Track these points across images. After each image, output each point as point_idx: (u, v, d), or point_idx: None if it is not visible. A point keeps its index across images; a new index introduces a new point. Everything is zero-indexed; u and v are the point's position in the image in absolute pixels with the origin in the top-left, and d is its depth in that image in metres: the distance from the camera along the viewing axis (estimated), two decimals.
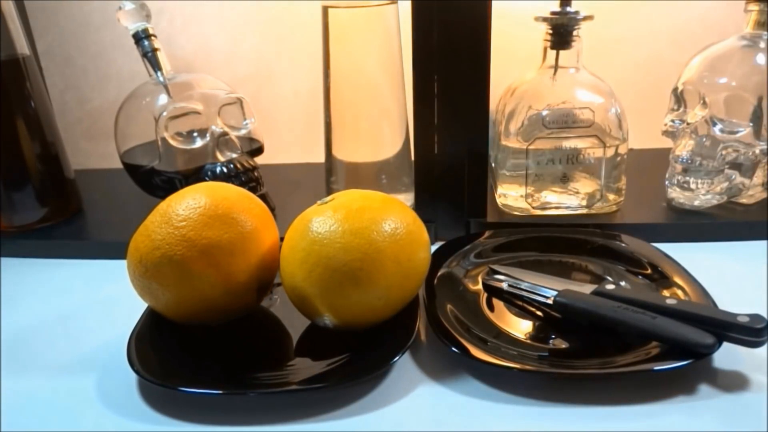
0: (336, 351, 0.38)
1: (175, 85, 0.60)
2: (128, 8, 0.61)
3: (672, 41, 0.69)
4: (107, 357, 0.39)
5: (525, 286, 0.43)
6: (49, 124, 0.59)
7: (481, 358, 0.36)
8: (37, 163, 0.58)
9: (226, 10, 0.71)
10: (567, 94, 0.53)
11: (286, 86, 0.74)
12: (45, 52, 0.74)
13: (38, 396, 0.37)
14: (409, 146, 0.57)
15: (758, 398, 0.33)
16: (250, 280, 0.39)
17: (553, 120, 0.52)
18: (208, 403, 0.35)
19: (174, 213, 0.38)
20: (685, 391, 0.34)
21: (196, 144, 0.58)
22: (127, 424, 0.34)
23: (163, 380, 0.35)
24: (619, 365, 0.35)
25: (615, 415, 0.33)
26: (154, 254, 0.37)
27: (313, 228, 0.37)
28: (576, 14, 0.52)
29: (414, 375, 0.37)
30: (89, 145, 0.78)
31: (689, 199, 0.54)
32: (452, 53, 0.50)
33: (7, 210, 0.57)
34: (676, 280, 0.43)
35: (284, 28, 0.72)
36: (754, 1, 0.51)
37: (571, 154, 0.53)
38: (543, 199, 0.55)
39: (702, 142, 0.52)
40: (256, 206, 0.40)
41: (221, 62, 0.73)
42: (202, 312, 0.38)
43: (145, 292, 0.38)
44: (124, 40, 0.64)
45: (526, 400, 0.34)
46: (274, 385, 0.36)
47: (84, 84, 0.76)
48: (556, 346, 0.38)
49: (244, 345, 0.40)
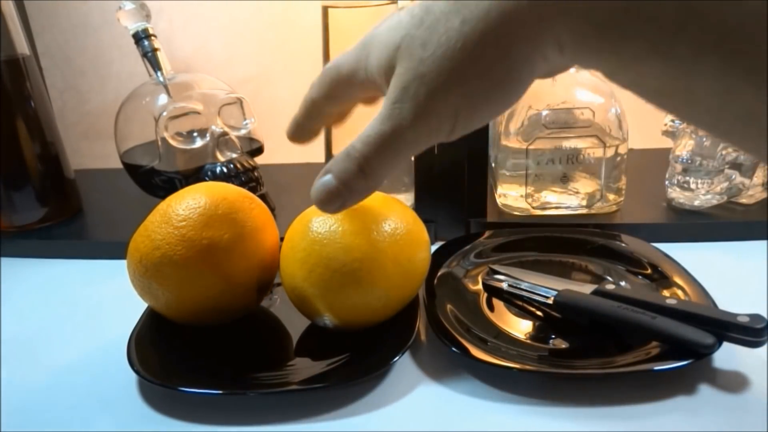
0: (336, 351, 0.38)
1: (175, 85, 0.60)
2: (128, 8, 0.61)
3: None
4: (107, 357, 0.39)
5: (525, 286, 0.43)
6: (49, 124, 0.59)
7: (481, 358, 0.36)
8: (37, 163, 0.58)
9: (226, 11, 0.71)
10: (567, 94, 0.53)
11: (286, 86, 0.74)
12: (45, 52, 0.74)
13: (38, 396, 0.37)
14: None
15: (758, 398, 0.33)
16: (250, 280, 0.39)
17: (553, 120, 0.52)
18: (208, 403, 0.35)
19: (174, 213, 0.38)
20: (685, 391, 0.34)
21: (196, 144, 0.58)
22: (127, 424, 0.34)
23: (163, 380, 0.35)
24: (619, 365, 0.35)
25: (615, 415, 0.33)
26: (154, 254, 0.37)
27: (313, 228, 0.37)
28: None
29: (414, 375, 0.37)
30: (89, 145, 0.78)
31: (689, 199, 0.54)
32: None
33: (7, 210, 0.57)
34: (676, 280, 0.43)
35: (284, 28, 0.72)
36: None
37: (571, 154, 0.53)
38: (543, 199, 0.55)
39: (702, 142, 0.52)
40: (256, 206, 0.40)
41: (221, 62, 0.73)
42: (202, 312, 0.38)
43: (145, 292, 0.38)
44: (124, 40, 0.64)
45: (526, 400, 0.34)
46: (274, 385, 0.36)
47: (84, 84, 0.76)
48: (556, 346, 0.38)
49: (244, 345, 0.40)
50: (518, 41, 0.24)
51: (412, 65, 0.25)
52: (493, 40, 0.24)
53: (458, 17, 0.24)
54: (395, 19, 0.27)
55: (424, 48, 0.25)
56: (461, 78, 0.25)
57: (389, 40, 0.27)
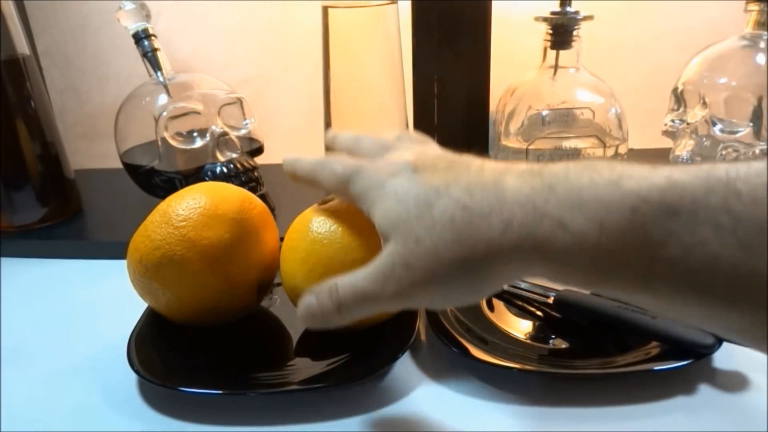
0: (336, 351, 0.38)
1: (175, 85, 0.60)
2: (128, 8, 0.61)
3: (672, 41, 0.69)
4: (107, 357, 0.39)
5: (525, 286, 0.43)
6: (49, 124, 0.59)
7: (481, 358, 0.36)
8: (37, 163, 0.58)
9: (226, 11, 0.71)
10: (567, 94, 0.53)
11: (286, 86, 0.74)
12: (45, 52, 0.74)
13: (38, 396, 0.37)
14: None
15: (758, 398, 0.33)
16: (250, 280, 0.39)
17: (553, 120, 0.52)
18: (208, 403, 0.35)
19: (174, 213, 0.37)
20: (685, 391, 0.34)
21: (196, 144, 0.58)
22: (127, 424, 0.34)
23: (163, 380, 0.35)
24: (619, 365, 0.35)
25: (615, 415, 0.33)
26: (154, 254, 0.37)
27: (314, 228, 0.37)
28: (576, 14, 0.52)
29: (414, 375, 0.37)
30: (89, 145, 0.78)
31: None
32: (452, 53, 0.50)
33: (7, 210, 0.57)
34: None
35: (284, 29, 0.71)
36: (754, 1, 0.51)
37: (571, 154, 0.53)
38: None
39: (702, 142, 0.52)
40: (256, 206, 0.40)
41: (221, 62, 0.73)
42: (202, 312, 0.38)
43: (145, 292, 0.38)
44: (124, 41, 0.64)
45: (526, 400, 0.34)
46: (274, 385, 0.36)
47: (84, 84, 0.76)
48: (556, 346, 0.38)
49: (244, 345, 0.40)
50: (503, 270, 0.27)
51: (404, 252, 0.28)
52: (478, 265, 0.26)
53: (453, 234, 0.27)
54: (403, 189, 0.29)
55: (417, 244, 0.27)
56: (442, 282, 0.27)
57: (392, 213, 0.29)
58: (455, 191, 0.27)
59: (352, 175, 0.32)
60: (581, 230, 0.24)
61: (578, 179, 0.25)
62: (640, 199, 0.23)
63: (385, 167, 0.31)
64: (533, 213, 0.25)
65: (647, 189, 0.23)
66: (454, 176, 0.28)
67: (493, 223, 0.26)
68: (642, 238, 0.23)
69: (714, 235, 0.21)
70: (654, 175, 0.23)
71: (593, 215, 0.24)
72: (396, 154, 0.32)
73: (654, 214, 0.22)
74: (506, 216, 0.26)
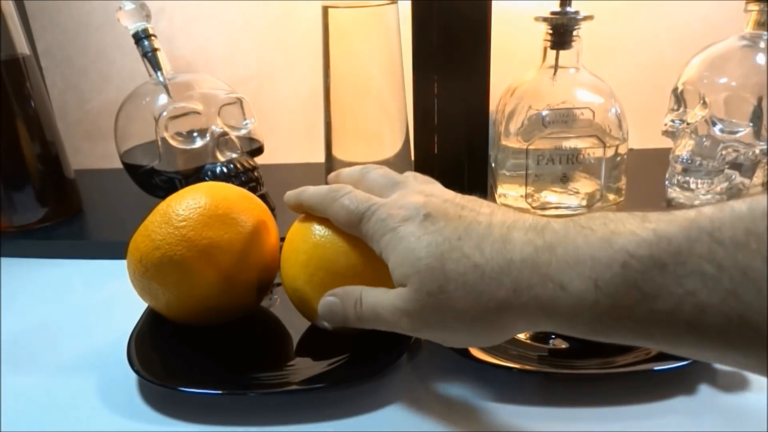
0: (336, 351, 0.38)
1: (175, 85, 0.60)
2: (128, 8, 0.61)
3: (672, 41, 0.69)
4: (107, 357, 0.39)
5: None
6: (49, 124, 0.59)
7: (481, 358, 0.36)
8: (37, 163, 0.58)
9: (226, 10, 0.71)
10: (567, 94, 0.53)
11: (286, 86, 0.74)
12: (45, 52, 0.74)
13: (38, 396, 0.37)
14: (409, 146, 0.57)
15: (758, 398, 0.33)
16: (250, 280, 0.39)
17: (553, 120, 0.52)
18: (208, 403, 0.35)
19: (174, 213, 0.38)
20: (685, 391, 0.34)
21: (196, 144, 0.58)
22: (127, 424, 0.34)
23: (163, 380, 0.35)
24: (619, 365, 0.35)
25: (615, 415, 0.33)
26: (154, 254, 0.37)
27: (315, 231, 0.36)
28: (576, 14, 0.52)
29: (414, 375, 0.37)
30: (89, 145, 0.78)
31: (689, 199, 0.54)
32: (452, 53, 0.50)
33: (7, 210, 0.57)
34: None
35: (284, 29, 0.72)
36: (754, 1, 0.51)
37: (571, 154, 0.53)
38: (543, 199, 0.55)
39: (702, 142, 0.52)
40: (256, 206, 0.40)
41: (221, 62, 0.73)
42: (202, 312, 0.38)
43: (145, 292, 0.38)
44: (124, 40, 0.64)
45: (526, 400, 0.34)
46: (274, 385, 0.36)
47: (84, 84, 0.76)
48: (556, 346, 0.38)
49: (244, 345, 0.40)
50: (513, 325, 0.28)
51: (418, 300, 0.29)
52: (489, 320, 0.28)
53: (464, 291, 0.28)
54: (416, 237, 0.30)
55: (429, 296, 0.29)
56: (455, 331, 0.29)
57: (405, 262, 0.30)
58: (467, 247, 0.28)
59: (365, 214, 0.32)
60: (579, 290, 0.25)
61: (575, 239, 0.26)
62: (629, 255, 0.23)
63: (397, 211, 0.31)
64: (537, 275, 0.26)
65: (636, 244, 0.23)
66: (465, 228, 0.29)
67: (503, 284, 0.27)
68: (635, 292, 0.23)
69: (702, 285, 0.22)
70: (642, 230, 0.24)
71: (588, 274, 0.24)
72: (406, 194, 0.33)
73: (644, 269, 0.23)
74: (515, 276, 0.27)
